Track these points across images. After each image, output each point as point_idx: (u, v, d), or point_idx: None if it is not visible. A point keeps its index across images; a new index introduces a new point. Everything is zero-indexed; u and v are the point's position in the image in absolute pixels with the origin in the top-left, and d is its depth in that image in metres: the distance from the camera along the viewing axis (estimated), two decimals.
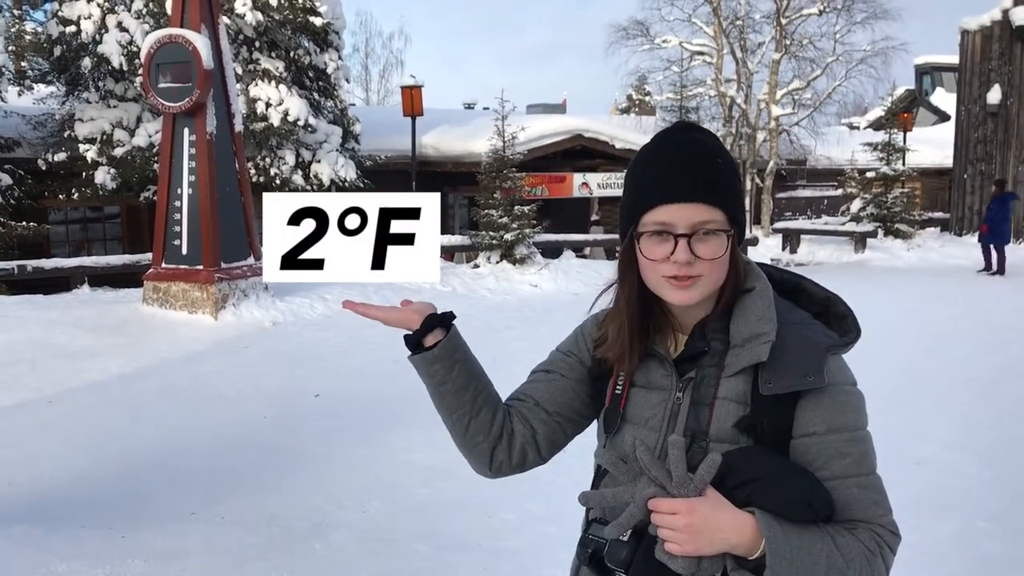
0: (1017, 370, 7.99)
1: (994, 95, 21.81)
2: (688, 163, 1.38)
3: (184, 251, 10.54)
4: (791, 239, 19.55)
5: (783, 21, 21.75)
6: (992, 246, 15.88)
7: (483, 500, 4.93)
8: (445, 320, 1.55)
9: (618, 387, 1.50)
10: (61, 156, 14.52)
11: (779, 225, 20.96)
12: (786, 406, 1.36)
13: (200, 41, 10.09)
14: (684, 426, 1.41)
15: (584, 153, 20.28)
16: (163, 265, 10.65)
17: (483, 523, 4.57)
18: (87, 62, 14.14)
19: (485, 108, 25.95)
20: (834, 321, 1.48)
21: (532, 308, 12.31)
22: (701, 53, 22.41)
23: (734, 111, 22.27)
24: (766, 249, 19.03)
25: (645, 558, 1.31)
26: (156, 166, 12.36)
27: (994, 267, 15.80)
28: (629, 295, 1.47)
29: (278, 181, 14.98)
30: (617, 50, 22.91)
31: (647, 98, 32.72)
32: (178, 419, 6.62)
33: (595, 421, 1.62)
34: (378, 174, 16.86)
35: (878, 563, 1.33)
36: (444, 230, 19.19)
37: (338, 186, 15.82)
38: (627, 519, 1.31)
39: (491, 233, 14.81)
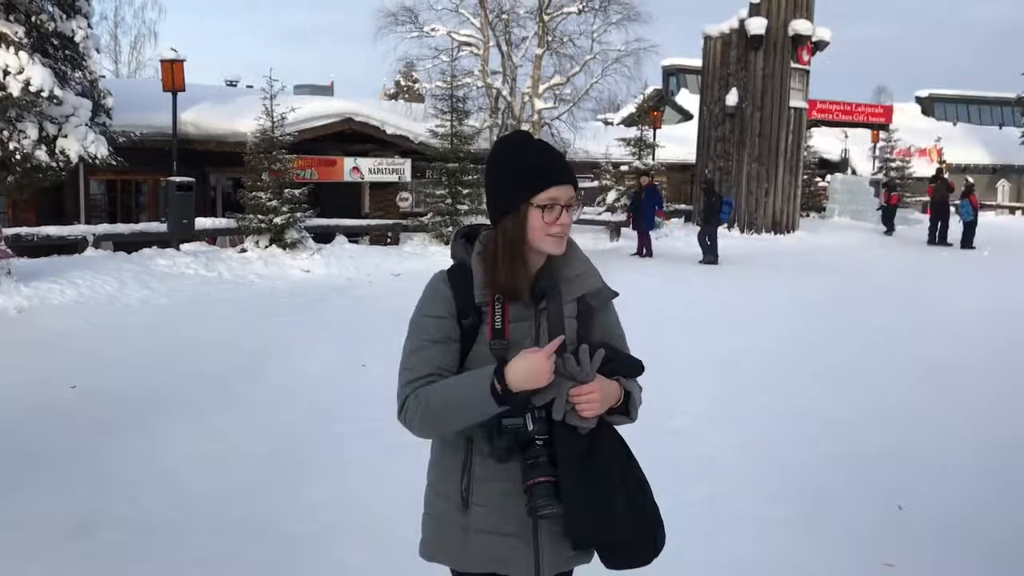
0: (752, 351, 8.91)
1: (732, 97, 23.93)
2: (560, 157, 2.11)
3: None
4: None
5: (545, 18, 22.56)
6: (640, 231, 18.33)
7: (266, 487, 4.88)
8: None
9: (497, 322, 2.06)
10: None
11: None
12: (589, 309, 2.16)
13: None
14: (548, 339, 2.03)
15: (355, 137, 20.04)
16: None
17: (268, 509, 4.53)
18: None
19: (249, 86, 24.97)
20: None
21: (304, 294, 12.10)
22: (468, 44, 22.78)
23: (500, 103, 22.86)
24: None
25: (564, 427, 2.01)
26: None
27: (644, 251, 18.15)
28: (522, 247, 2.05)
29: (18, 156, 13.64)
30: (386, 36, 22.78)
31: (415, 85, 32.82)
32: None
33: None
34: (134, 151, 15.79)
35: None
36: (206, 212, 18.32)
37: (88, 164, 14.69)
38: (559, 406, 1.99)
39: (259, 216, 14.38)
